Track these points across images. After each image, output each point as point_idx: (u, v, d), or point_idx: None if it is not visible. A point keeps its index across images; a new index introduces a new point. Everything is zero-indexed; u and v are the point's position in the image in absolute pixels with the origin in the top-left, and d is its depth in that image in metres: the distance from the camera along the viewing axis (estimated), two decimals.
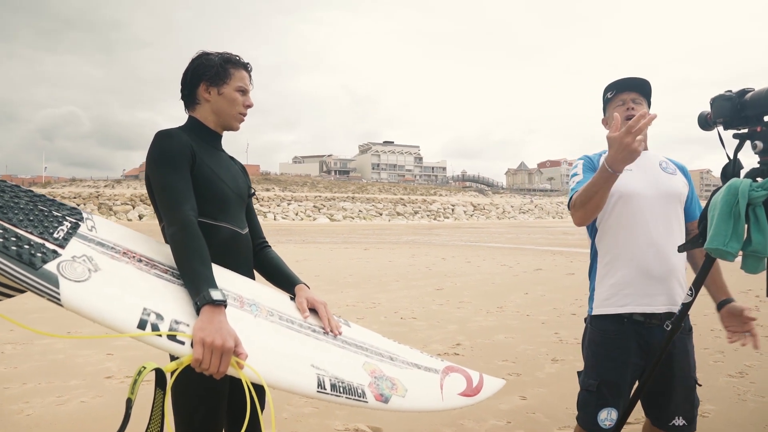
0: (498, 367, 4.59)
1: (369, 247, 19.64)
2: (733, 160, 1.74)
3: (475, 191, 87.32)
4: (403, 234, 32.56)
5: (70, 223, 1.51)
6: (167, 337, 1.35)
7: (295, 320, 1.71)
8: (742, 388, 3.99)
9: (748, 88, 1.71)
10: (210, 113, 1.77)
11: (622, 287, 2.00)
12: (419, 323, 6.42)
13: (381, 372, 1.67)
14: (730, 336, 1.97)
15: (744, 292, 8.16)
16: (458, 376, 1.86)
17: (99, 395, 3.85)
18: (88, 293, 1.32)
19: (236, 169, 1.88)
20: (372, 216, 59.67)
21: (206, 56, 1.76)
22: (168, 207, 1.55)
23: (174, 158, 1.60)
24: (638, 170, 2.03)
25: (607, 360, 2.00)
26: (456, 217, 63.85)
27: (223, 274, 1.66)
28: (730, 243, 1.60)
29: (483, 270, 12.10)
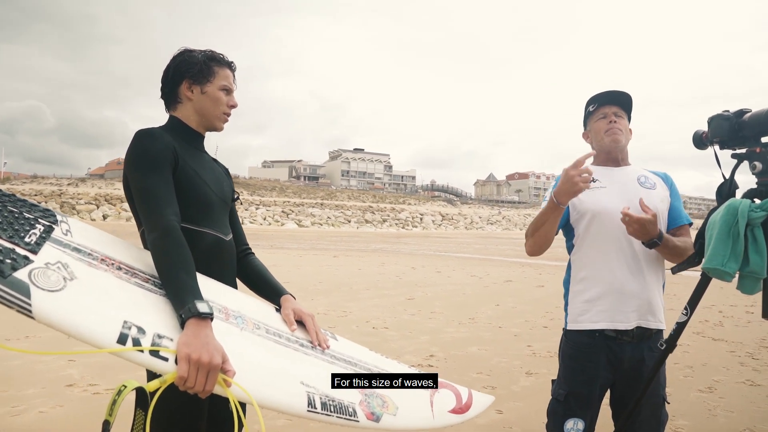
0: (473, 379, 4.56)
1: (338, 254, 19.50)
2: (729, 179, 1.75)
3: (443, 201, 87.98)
4: (372, 242, 32.50)
5: (44, 227, 1.39)
6: (149, 353, 1.25)
7: (283, 334, 1.63)
8: (712, 403, 4.05)
9: (746, 109, 1.72)
10: (192, 113, 1.68)
11: (594, 304, 2.02)
12: (391, 333, 6.36)
13: (371, 389, 1.60)
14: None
15: (707, 307, 8.38)
16: (447, 393, 1.81)
17: (59, 405, 3.65)
18: (63, 304, 1.21)
19: (220, 172, 1.79)
20: (340, 223, 59.45)
21: (189, 53, 1.68)
22: (149, 211, 1.45)
23: (155, 160, 1.50)
24: (613, 187, 2.06)
25: (577, 373, 2.04)
26: (424, 227, 64.14)
27: (206, 283, 1.56)
28: (728, 263, 1.59)
29: (453, 280, 12.13)
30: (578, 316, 2.07)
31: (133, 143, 1.53)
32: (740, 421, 3.69)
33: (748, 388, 4.45)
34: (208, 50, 1.69)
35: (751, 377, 4.76)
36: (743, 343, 6.09)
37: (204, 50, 1.69)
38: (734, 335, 6.52)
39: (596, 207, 2.03)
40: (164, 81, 1.69)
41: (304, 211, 60.55)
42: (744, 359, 5.40)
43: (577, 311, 2.08)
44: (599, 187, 2.05)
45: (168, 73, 1.67)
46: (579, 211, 2.08)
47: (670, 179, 2.15)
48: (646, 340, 2.00)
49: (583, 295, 2.06)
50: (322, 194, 74.07)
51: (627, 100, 2.13)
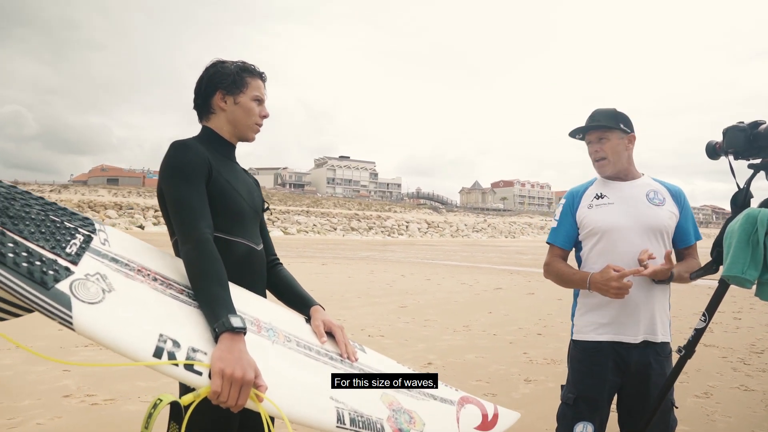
0: (473, 387, 4.57)
1: (327, 262, 19.46)
2: (745, 189, 1.79)
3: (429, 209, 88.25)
4: (359, 249, 32.48)
5: (83, 236, 1.39)
6: (184, 367, 1.25)
7: (313, 346, 1.62)
8: (710, 409, 4.11)
9: (761, 121, 1.77)
10: (225, 123, 1.69)
11: (600, 318, 2.07)
12: (387, 341, 6.36)
13: (399, 404, 1.60)
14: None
15: (696, 313, 8.50)
16: (474, 409, 1.81)
17: (58, 416, 3.59)
18: (102, 317, 1.22)
19: (251, 183, 1.80)
20: (326, 230, 59.31)
21: (222, 64, 1.69)
22: (182, 223, 1.46)
23: (190, 171, 1.51)
24: (621, 203, 2.09)
25: (586, 376, 2.08)
26: (410, 234, 64.26)
27: (238, 293, 1.57)
28: (748, 270, 1.63)
29: (444, 288, 12.16)
30: (584, 327, 2.12)
31: (168, 154, 1.54)
32: (738, 426, 3.75)
33: (742, 393, 4.53)
34: (240, 61, 1.71)
35: (744, 382, 4.84)
36: (734, 349, 6.19)
37: (236, 61, 1.71)
38: (724, 341, 6.62)
39: (603, 224, 2.07)
40: (197, 92, 1.69)
41: (289, 219, 60.31)
42: (736, 365, 5.49)
43: (582, 323, 2.13)
44: (607, 203, 2.09)
45: (201, 84, 1.68)
46: (587, 228, 2.13)
47: (682, 196, 2.14)
48: (652, 346, 2.03)
49: (589, 309, 2.11)
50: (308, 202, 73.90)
51: (606, 117, 2.09)
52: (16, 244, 1.21)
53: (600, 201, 2.11)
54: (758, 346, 6.36)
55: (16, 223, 1.26)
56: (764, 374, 5.13)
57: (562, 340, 6.25)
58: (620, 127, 2.06)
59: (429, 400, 1.72)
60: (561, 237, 2.20)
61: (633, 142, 2.12)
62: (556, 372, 5.04)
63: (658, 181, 2.16)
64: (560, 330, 7.10)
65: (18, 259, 1.17)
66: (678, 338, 2.00)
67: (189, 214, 1.47)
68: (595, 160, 2.11)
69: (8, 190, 1.37)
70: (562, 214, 2.21)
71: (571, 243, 2.19)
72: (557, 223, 2.23)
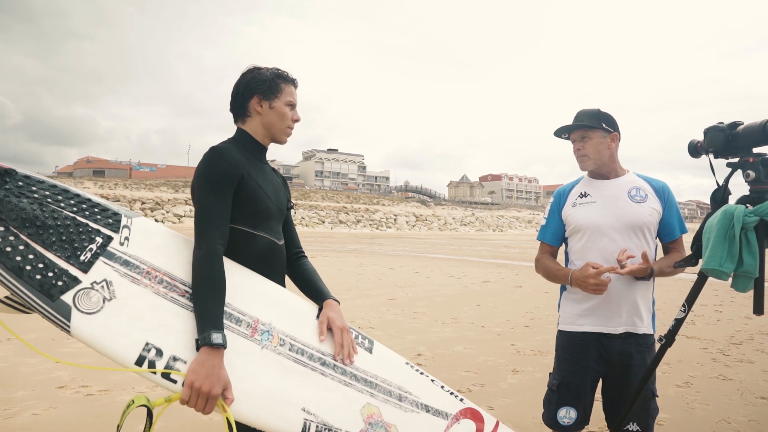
0: (461, 377, 4.68)
1: (315, 255, 19.49)
2: (723, 186, 1.89)
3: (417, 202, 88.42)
4: (347, 242, 32.53)
5: (103, 239, 1.52)
6: (161, 375, 1.42)
7: (306, 350, 1.67)
8: (689, 397, 4.25)
9: (738, 122, 1.87)
10: (260, 126, 1.79)
11: (583, 310, 2.18)
12: (377, 333, 6.44)
13: (379, 417, 1.65)
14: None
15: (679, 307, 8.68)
16: (469, 424, 1.81)
17: (53, 407, 3.63)
18: (96, 326, 1.40)
19: (278, 183, 1.90)
20: (314, 223, 59.24)
21: (258, 71, 1.79)
22: (200, 229, 1.59)
23: (220, 182, 1.63)
24: (602, 202, 2.18)
25: (570, 364, 2.19)
26: (398, 227, 64.40)
27: (254, 287, 1.67)
28: (725, 264, 1.73)
29: (432, 281, 12.27)
30: (568, 318, 2.23)
31: (203, 160, 1.65)
32: (716, 413, 3.89)
33: (721, 383, 4.68)
34: (275, 68, 1.81)
35: (723, 372, 5.00)
36: (714, 341, 6.36)
37: (271, 68, 1.81)
38: (705, 333, 6.79)
39: (585, 222, 2.17)
40: (234, 96, 1.80)
41: None
42: (716, 355, 5.65)
43: (567, 314, 2.24)
44: (589, 202, 2.20)
45: (239, 88, 1.79)
46: (571, 226, 2.24)
47: (666, 191, 2.21)
48: (634, 337, 2.13)
49: (573, 303, 2.22)
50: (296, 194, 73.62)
51: (588, 117, 2.17)
52: (36, 256, 1.39)
53: (583, 200, 2.21)
54: (737, 338, 6.53)
55: (41, 233, 1.42)
56: (741, 364, 5.30)
57: (549, 332, 6.39)
58: (602, 126, 2.15)
59: (420, 412, 1.74)
60: (549, 234, 2.30)
61: (616, 141, 2.20)
62: (543, 363, 5.16)
63: (643, 178, 2.24)
64: (547, 322, 7.23)
65: (33, 272, 1.36)
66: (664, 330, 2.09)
67: (208, 224, 1.59)
68: (578, 157, 2.21)
69: (49, 191, 1.50)
70: (550, 212, 2.33)
71: (559, 240, 2.29)
72: (546, 221, 2.34)
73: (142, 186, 60.36)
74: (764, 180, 1.77)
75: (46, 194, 1.49)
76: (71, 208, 1.51)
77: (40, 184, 1.50)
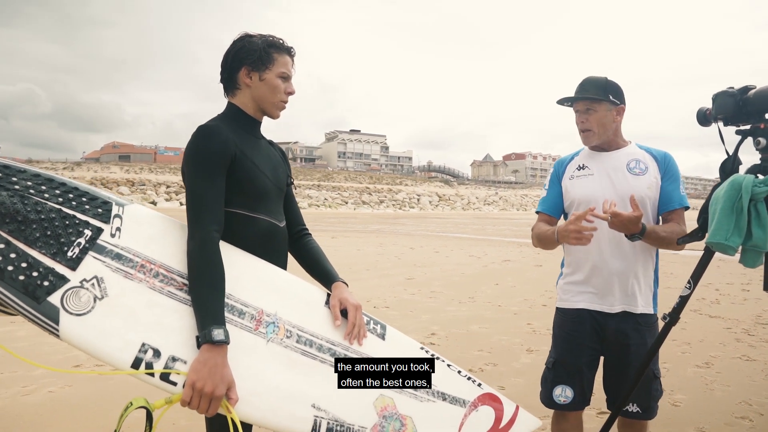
0: (474, 357, 4.63)
1: (336, 236, 19.56)
2: (733, 156, 1.77)
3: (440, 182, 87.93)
4: (369, 223, 32.56)
5: (92, 231, 1.43)
6: (160, 377, 1.35)
7: (315, 341, 1.58)
8: (709, 378, 4.13)
9: (750, 86, 1.74)
10: (250, 99, 1.67)
11: (579, 286, 2.11)
12: (393, 312, 6.43)
13: (393, 409, 1.58)
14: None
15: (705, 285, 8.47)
16: (488, 410, 1.72)
17: (68, 385, 3.71)
18: (88, 328, 1.32)
19: (276, 158, 1.79)
20: (338, 204, 59.45)
21: (249, 39, 1.66)
22: (192, 217, 1.49)
23: (209, 162, 1.52)
24: (600, 174, 2.09)
25: (564, 341, 2.14)
26: (421, 207, 64.22)
27: (257, 273, 1.59)
28: (731, 237, 1.63)
29: (452, 260, 12.20)
30: (564, 295, 2.17)
31: (191, 141, 1.54)
32: (736, 394, 3.77)
33: (743, 363, 4.54)
34: (269, 36, 1.68)
35: (746, 352, 4.85)
36: (739, 320, 6.18)
37: (264, 35, 1.67)
38: (731, 312, 6.61)
39: (583, 195, 2.09)
40: (223, 67, 1.67)
41: (300, 193, 60.48)
42: (740, 335, 5.49)
43: (563, 291, 2.18)
44: (587, 174, 2.11)
45: (227, 59, 1.66)
46: (569, 199, 2.15)
47: (666, 160, 2.09)
48: (632, 316, 2.05)
49: (570, 277, 2.16)
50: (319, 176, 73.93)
51: (595, 88, 2.05)
52: (18, 254, 1.30)
53: (581, 172, 2.13)
54: (765, 318, 6.34)
55: (23, 228, 1.34)
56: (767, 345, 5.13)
57: None
58: (609, 98, 2.03)
59: (436, 401, 1.65)
60: (548, 204, 2.22)
61: (621, 114, 2.09)
62: None
63: (644, 149, 2.14)
64: None
65: (16, 273, 1.28)
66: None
67: (200, 210, 1.49)
68: (580, 130, 2.10)
69: (32, 180, 1.42)
70: (550, 183, 2.24)
71: (558, 211, 2.20)
72: (546, 192, 2.25)
73: (167, 170, 61.26)
74: None
75: (29, 185, 1.40)
76: (56, 199, 1.42)
77: (21, 174, 1.41)
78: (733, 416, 3.38)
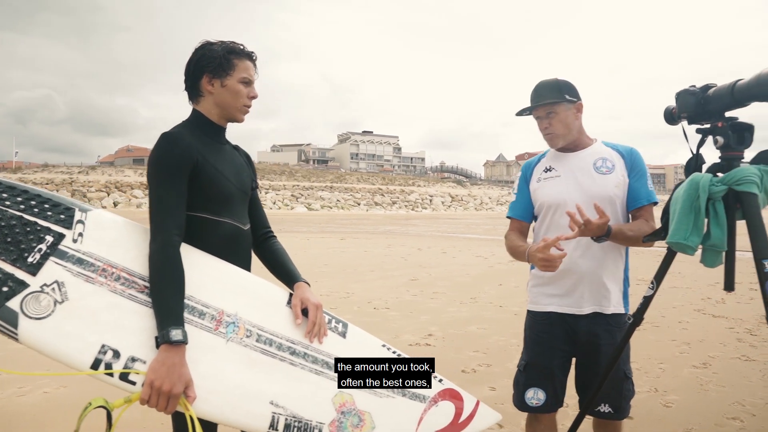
0: (469, 357, 4.62)
1: (345, 237, 19.61)
2: (695, 154, 1.76)
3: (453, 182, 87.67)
4: (381, 224, 32.59)
5: (53, 237, 1.47)
6: (119, 377, 1.38)
7: (275, 340, 1.62)
8: (705, 379, 4.08)
9: (712, 84, 1.73)
10: (213, 106, 1.71)
11: (548, 289, 2.10)
12: (392, 313, 6.43)
13: (352, 405, 1.61)
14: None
15: (712, 285, 8.37)
16: (448, 406, 1.76)
17: (63, 386, 3.77)
18: (47, 331, 1.36)
19: (240, 162, 1.82)
20: (350, 206, 59.58)
21: (209, 47, 1.69)
22: (153, 222, 1.54)
23: (171, 169, 1.55)
24: (567, 175, 2.08)
25: (536, 344, 2.13)
26: (434, 208, 64.12)
27: (219, 275, 1.63)
28: (690, 237, 1.62)
29: (458, 261, 12.17)
30: (534, 298, 2.16)
31: (154, 147, 1.59)
32: (731, 395, 3.72)
33: (742, 363, 4.48)
34: (229, 42, 1.71)
35: (746, 353, 4.78)
36: (743, 320, 6.09)
37: (224, 42, 1.71)
38: (735, 312, 6.51)
39: (549, 198, 2.08)
40: (186, 75, 1.71)
41: (313, 195, 60.70)
42: (742, 335, 5.41)
43: (534, 294, 2.17)
44: (554, 176, 2.10)
45: (189, 67, 1.70)
46: (538, 202, 2.14)
47: (632, 156, 2.08)
48: (602, 317, 2.04)
49: (539, 279, 2.14)
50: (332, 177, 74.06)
51: (550, 91, 2.04)
52: None
53: (548, 174, 2.12)
54: None
55: None
56: None
57: None
58: (566, 98, 2.03)
59: (396, 397, 1.69)
60: (518, 210, 2.21)
61: (581, 110, 2.09)
62: None
63: (611, 146, 2.12)
64: None
65: None
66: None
67: (161, 214, 1.53)
68: (545, 135, 2.09)
69: None
70: (519, 187, 2.23)
71: (528, 215, 2.20)
72: (515, 197, 2.24)
73: None
74: (734, 146, 1.63)
75: None
76: (18, 207, 1.46)
77: None
78: (724, 417, 3.34)
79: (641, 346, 5.00)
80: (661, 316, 6.24)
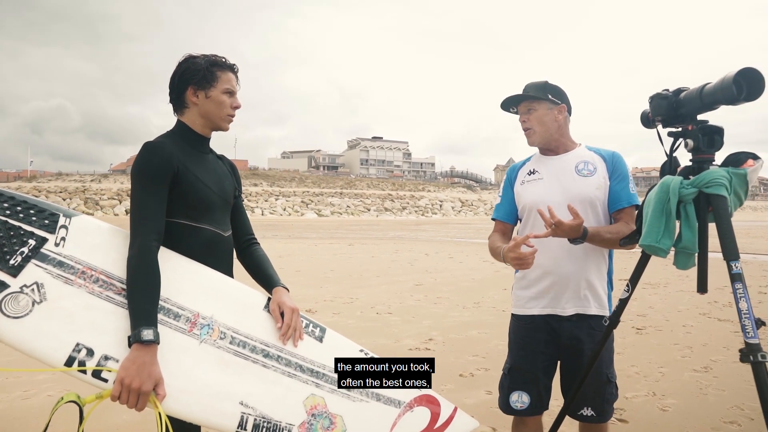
0: (467, 362, 4.63)
1: (354, 243, 19.66)
2: (669, 158, 1.78)
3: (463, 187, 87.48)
4: (390, 229, 32.61)
5: (36, 241, 1.53)
6: (92, 374, 1.45)
7: (248, 343, 1.66)
8: (705, 383, 4.06)
9: (684, 87, 1.75)
10: (198, 117, 1.78)
11: (531, 293, 2.11)
12: (394, 318, 6.46)
13: (324, 408, 1.64)
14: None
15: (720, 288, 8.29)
16: (423, 411, 1.76)
17: (67, 389, 3.83)
18: (24, 330, 1.42)
19: (223, 171, 1.88)
20: (360, 211, 59.67)
21: (192, 60, 1.76)
22: (133, 228, 1.60)
23: (152, 176, 1.62)
24: (549, 178, 2.11)
25: (520, 348, 2.14)
26: (444, 213, 64.03)
27: (199, 279, 1.68)
28: (662, 240, 1.64)
29: (464, 266, 12.17)
30: (518, 301, 2.16)
31: (137, 156, 1.66)
32: (730, 398, 3.70)
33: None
34: (211, 55, 1.78)
35: None
36: None
37: (207, 55, 1.78)
38: None
39: (532, 201, 2.10)
40: (171, 87, 1.78)
41: (323, 201, 60.88)
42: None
43: (517, 297, 2.18)
44: (537, 179, 2.13)
45: (174, 80, 1.77)
46: (521, 204, 2.17)
47: (614, 159, 2.10)
48: (585, 319, 2.05)
49: (522, 283, 2.15)
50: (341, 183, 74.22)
51: (535, 89, 2.08)
52: None
53: (531, 177, 2.15)
54: None
55: None
56: None
57: None
58: (548, 98, 2.06)
59: (370, 401, 1.71)
60: (502, 212, 2.24)
61: (563, 113, 2.11)
62: None
63: (593, 150, 2.15)
64: None
65: None
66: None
67: (141, 220, 1.59)
68: (523, 130, 2.13)
69: None
70: (504, 189, 2.26)
71: (512, 217, 2.23)
72: (500, 199, 2.27)
73: None
74: (704, 149, 1.65)
75: None
76: (3, 212, 1.53)
77: None
78: (721, 421, 3.32)
79: (643, 350, 4.98)
80: (665, 320, 6.20)
